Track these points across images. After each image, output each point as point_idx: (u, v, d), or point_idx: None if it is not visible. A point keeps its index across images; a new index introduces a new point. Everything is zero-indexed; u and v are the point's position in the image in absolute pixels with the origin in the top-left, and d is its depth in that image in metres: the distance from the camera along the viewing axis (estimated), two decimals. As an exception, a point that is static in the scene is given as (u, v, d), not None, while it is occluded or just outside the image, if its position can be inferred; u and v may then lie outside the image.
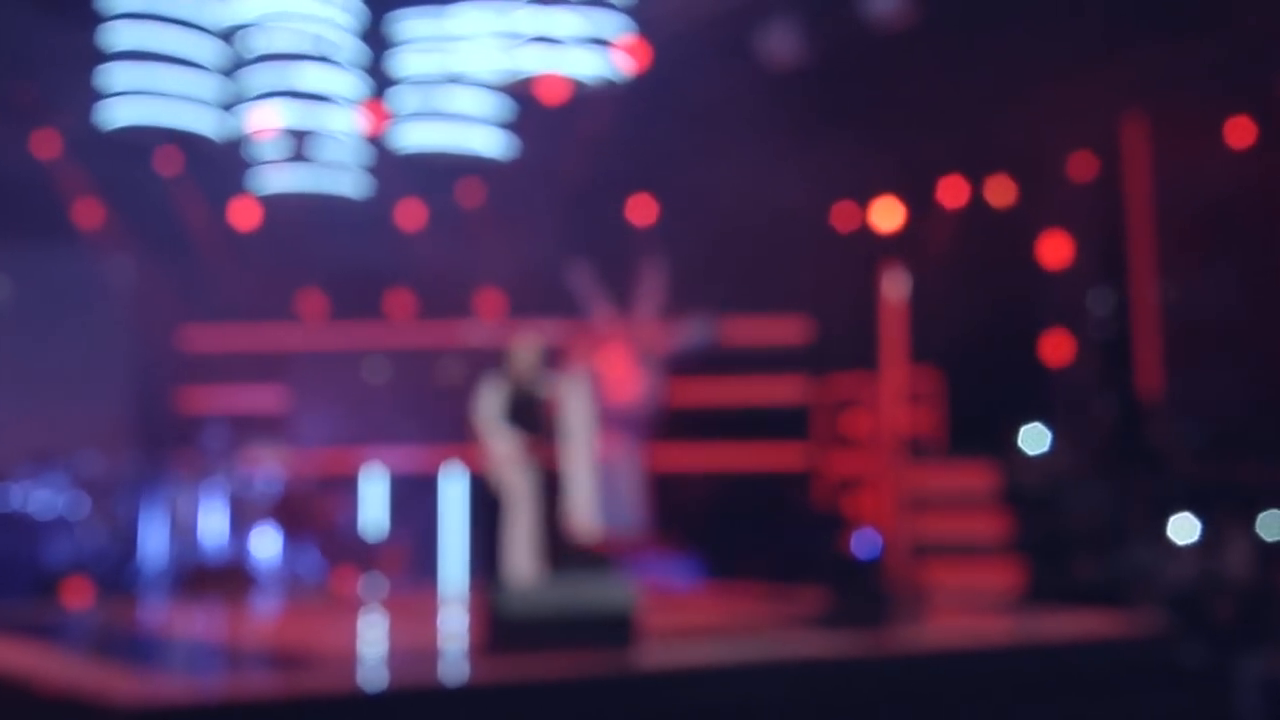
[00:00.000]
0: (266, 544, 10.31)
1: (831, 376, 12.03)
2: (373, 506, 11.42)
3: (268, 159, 9.99)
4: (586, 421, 6.11)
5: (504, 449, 6.06)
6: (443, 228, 12.31)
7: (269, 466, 10.85)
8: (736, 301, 11.75)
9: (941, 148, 10.90)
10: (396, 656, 5.70)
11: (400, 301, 12.42)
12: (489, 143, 9.82)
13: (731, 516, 11.26)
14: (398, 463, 11.97)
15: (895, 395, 9.82)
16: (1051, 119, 10.29)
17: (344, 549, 10.71)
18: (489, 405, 6.12)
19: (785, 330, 12.20)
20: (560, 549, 6.20)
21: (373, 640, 6.63)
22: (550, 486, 6.07)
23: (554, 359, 10.35)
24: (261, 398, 12.17)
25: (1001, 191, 10.79)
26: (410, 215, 12.25)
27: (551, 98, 9.63)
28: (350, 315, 12.31)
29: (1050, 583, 8.59)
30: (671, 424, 11.86)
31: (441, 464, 11.80)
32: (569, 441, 6.12)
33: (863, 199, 11.73)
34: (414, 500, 10.85)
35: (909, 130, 10.68)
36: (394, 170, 11.02)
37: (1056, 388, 10.60)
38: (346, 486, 11.31)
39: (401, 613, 7.80)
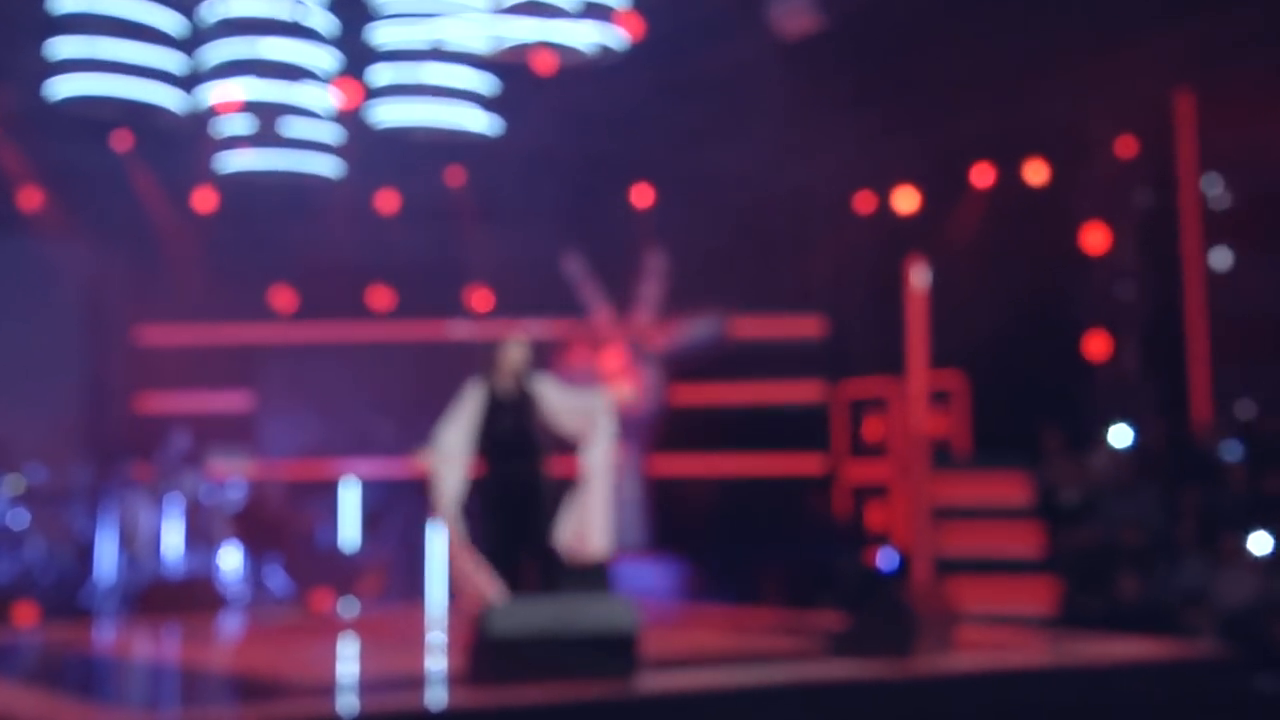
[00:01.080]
0: (232, 559, 10.27)
1: (849, 378, 12.01)
2: (350, 518, 11.42)
3: (233, 138, 9.92)
4: (608, 440, 6.05)
5: (446, 468, 5.97)
6: (425, 216, 12.27)
7: (235, 476, 10.82)
8: (746, 296, 11.73)
9: (971, 126, 10.83)
10: (373, 682, 5.62)
11: (380, 298, 12.38)
12: (475, 120, 9.75)
13: (741, 528, 11.27)
14: (377, 470, 11.94)
15: (918, 398, 9.52)
16: (1092, 96, 10.24)
17: (318, 564, 10.70)
18: (458, 418, 6.03)
19: (799, 328, 12.18)
20: (553, 564, 6.13)
21: (348, 665, 6.57)
22: (541, 498, 6.01)
23: (546, 359, 10.48)
24: (227, 401, 12.14)
25: (1036, 175, 10.73)
26: (390, 202, 12.22)
27: (545, 69, 9.57)
28: (324, 312, 12.26)
29: (1089, 604, 8.54)
30: (674, 428, 11.86)
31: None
32: (589, 459, 6.07)
33: (884, 184, 11.68)
34: (396, 510, 10.79)
35: (935, 107, 10.63)
36: (372, 151, 10.99)
37: (1095, 389, 10.53)
38: (321, 497, 11.28)
39: (381, 633, 7.75)
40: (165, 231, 11.87)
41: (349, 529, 11.46)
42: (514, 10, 9.10)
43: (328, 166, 10.54)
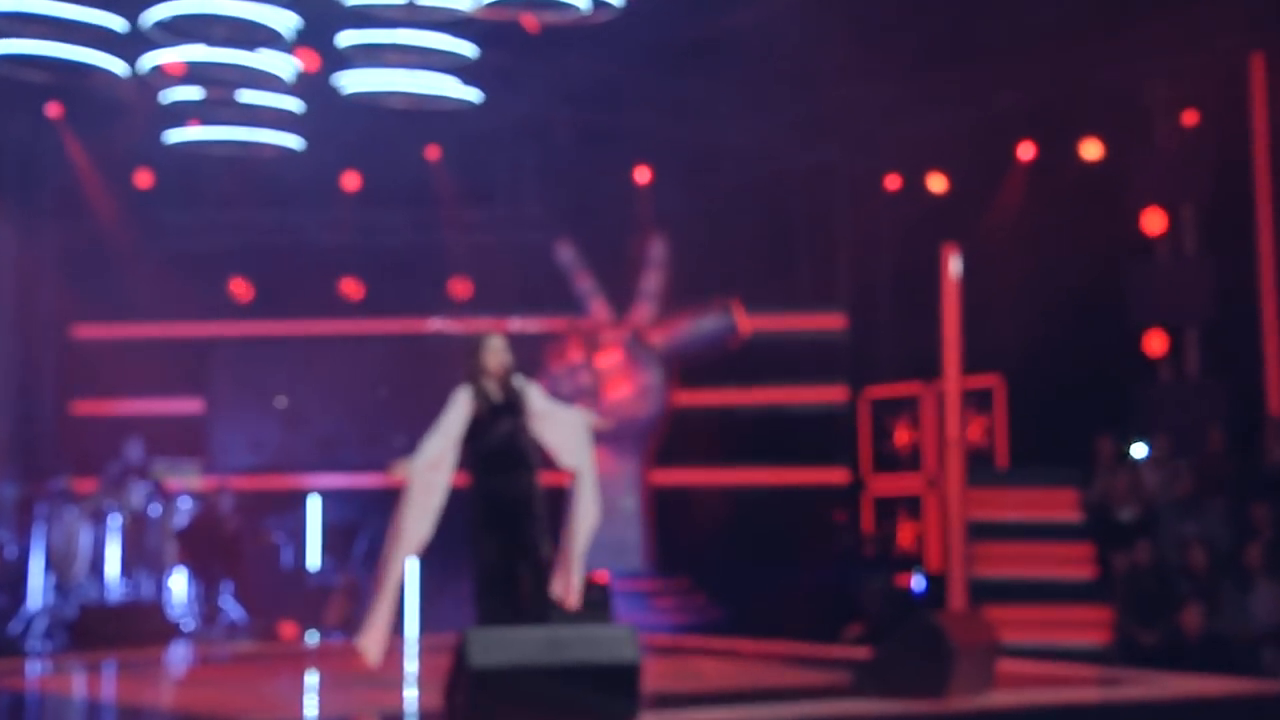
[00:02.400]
0: (181, 584, 10.23)
1: (875, 379, 12.03)
2: (315, 537, 11.42)
3: (181, 106, 9.89)
4: (587, 456, 6.10)
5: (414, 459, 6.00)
6: (399, 198, 12.25)
7: (184, 490, 10.79)
8: (758, 288, 11.74)
9: (1014, 97, 10.78)
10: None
11: (348, 289, 12.36)
12: (455, 89, 9.73)
13: (754, 548, 11.24)
14: (345, 483, 11.97)
15: (952, 402, 9.35)
16: (1152, 61, 10.17)
17: (278, 589, 10.69)
18: (447, 428, 6.05)
19: (819, 323, 12.19)
20: (544, 589, 6.11)
21: (308, 703, 6.51)
22: (537, 513, 6.01)
23: (535, 359, 10.50)
24: (175, 406, 12.14)
25: (1088, 151, 10.65)
26: (359, 182, 12.21)
27: (533, 30, 9.53)
28: (285, 306, 12.23)
29: (1147, 636, 8.47)
30: (679, 436, 11.88)
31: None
32: (577, 484, 6.10)
33: (915, 162, 11.63)
34: (367, 528, 10.71)
35: (974, 75, 10.57)
36: (338, 123, 10.97)
37: (1153, 392, 10.49)
38: (282, 513, 11.29)
39: (348, 666, 7.70)
40: (104, 213, 11.85)
41: (314, 549, 11.46)
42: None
43: (288, 140, 10.52)
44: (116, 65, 9.19)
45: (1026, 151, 11.10)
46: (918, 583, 10.38)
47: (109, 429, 11.26)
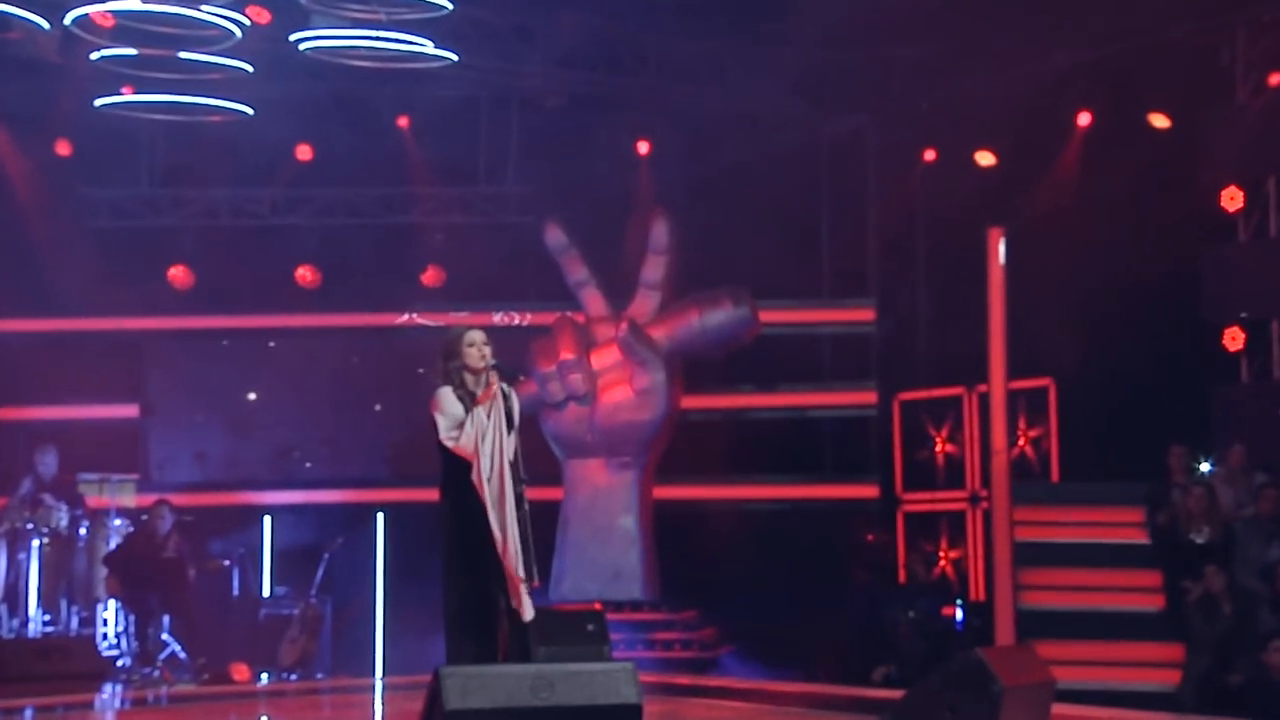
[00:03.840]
0: (113, 616, 10.20)
1: (909, 381, 12.00)
2: (269, 562, 11.44)
3: (111, 63, 9.85)
4: (496, 444, 5.90)
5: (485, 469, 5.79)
6: (362, 171, 12.23)
7: (117, 508, 10.75)
8: (776, 276, 11.67)
9: (1071, 57, 10.71)
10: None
11: (304, 278, 12.35)
12: (426, 47, 9.72)
13: (772, 573, 11.20)
14: (305, 498, 11.96)
15: (998, 408, 9.39)
16: (1230, 15, 10.11)
17: (226, 622, 10.68)
18: (453, 411, 5.89)
19: (846, 317, 12.21)
20: (538, 617, 6.10)
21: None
22: (529, 534, 5.90)
23: (522, 358, 10.47)
24: (105, 412, 12.10)
25: (1156, 120, 10.61)
26: (316, 153, 12.19)
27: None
28: (231, 297, 12.20)
29: (1226, 676, 8.44)
30: (687, 445, 11.78)
31: (373, 500, 11.82)
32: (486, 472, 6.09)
33: (957, 133, 11.56)
34: (329, 553, 10.71)
35: (1025, 32, 10.51)
36: (294, 84, 10.96)
37: (1232, 395, 10.41)
38: (229, 535, 11.30)
39: (306, 713, 7.69)
40: (20, 188, 11.77)
41: (268, 576, 11.45)
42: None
43: (235, 106, 10.49)
44: (37, 18, 9.17)
45: (1085, 120, 11.09)
46: (958, 614, 10.40)
47: (28, 438, 11.22)
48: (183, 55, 9.59)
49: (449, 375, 6.12)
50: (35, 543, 10.01)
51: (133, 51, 9.60)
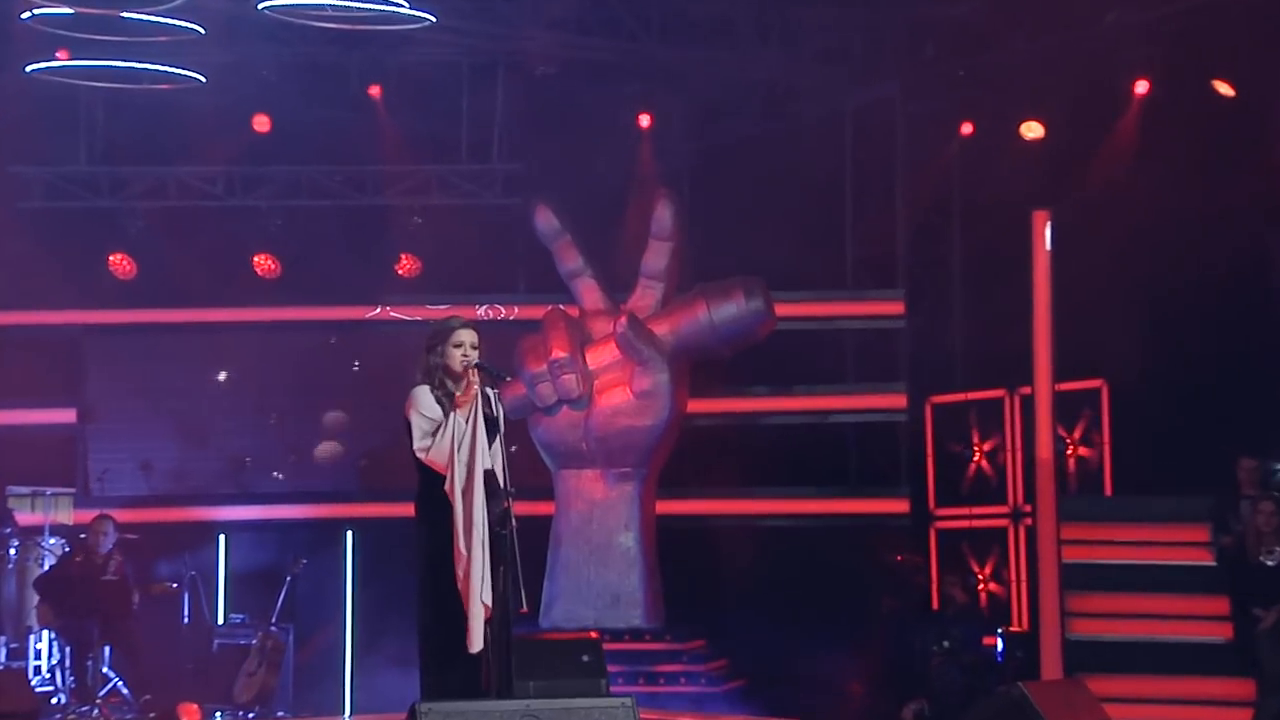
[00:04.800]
0: (46, 647, 10.19)
1: (944, 385, 12.01)
2: (223, 587, 11.44)
3: (46, 23, 9.81)
4: (471, 452, 5.97)
5: (466, 482, 5.86)
6: (327, 146, 12.19)
7: (51, 526, 10.72)
8: (795, 265, 11.67)
9: (1126, 17, 10.67)
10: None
11: (262, 267, 12.29)
12: (402, 6, 9.69)
13: (789, 598, 11.19)
14: (265, 514, 11.96)
15: (1043, 413, 9.47)
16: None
17: (175, 654, 10.65)
18: (430, 414, 5.96)
19: (872, 310, 12.17)
20: (525, 646, 6.05)
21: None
22: (515, 556, 5.79)
23: (507, 356, 10.47)
24: (40, 418, 12.10)
25: (1223, 88, 10.58)
26: (277, 128, 12.13)
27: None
28: (183, 290, 12.16)
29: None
30: (694, 454, 11.76)
31: (341, 516, 11.83)
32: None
33: (998, 103, 11.55)
34: (291, 577, 10.72)
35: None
36: (251, 50, 10.93)
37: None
38: (182, 555, 11.26)
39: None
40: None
41: (222, 602, 11.44)
42: None
43: (186, 74, 10.44)
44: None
45: (1142, 88, 11.07)
46: (999, 644, 10.36)
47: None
48: (125, 15, 9.55)
49: (430, 371, 6.14)
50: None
51: (69, 11, 9.58)
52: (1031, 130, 11.37)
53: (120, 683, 10.12)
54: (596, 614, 10.68)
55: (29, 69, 10.44)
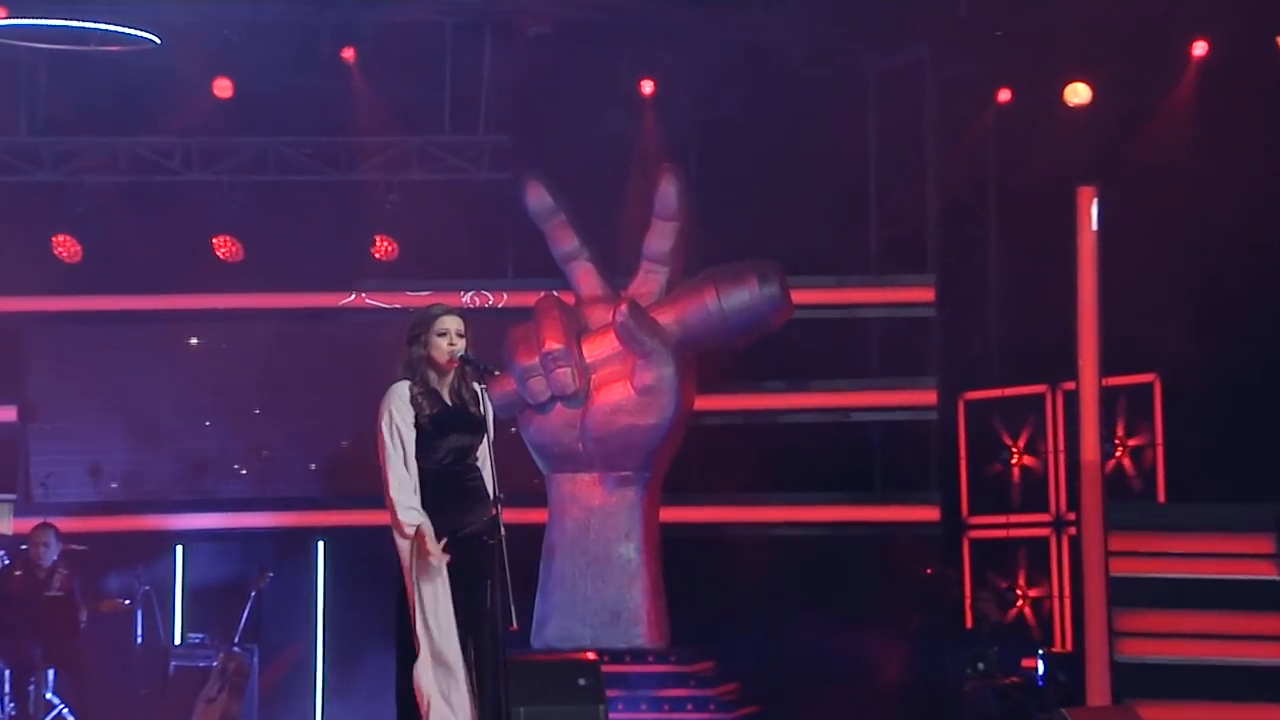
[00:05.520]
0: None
1: (979, 379, 12.03)
2: (181, 604, 11.50)
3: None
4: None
5: (411, 514, 5.98)
6: (296, 114, 12.15)
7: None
8: (814, 248, 11.69)
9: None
10: None
11: (223, 249, 12.24)
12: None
13: (807, 615, 11.18)
14: (227, 523, 11.99)
15: (1089, 411, 9.43)
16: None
17: (128, 678, 10.69)
18: (397, 431, 6.02)
19: (900, 298, 12.20)
20: (503, 676, 5.99)
21: None
22: (503, 571, 5.88)
23: (494, 349, 10.44)
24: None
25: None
26: (239, 95, 12.01)
27: None
28: (134, 275, 12.18)
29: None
30: (703, 456, 11.79)
31: (311, 524, 11.91)
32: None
33: (1039, 65, 11.52)
34: (261, 588, 10.74)
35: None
36: (209, 8, 10.86)
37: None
38: (135, 568, 11.30)
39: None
40: None
41: (180, 620, 11.49)
42: None
43: (138, 31, 10.39)
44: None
45: (1201, 49, 11.05)
46: (1040, 667, 10.32)
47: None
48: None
49: (412, 364, 6.16)
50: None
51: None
52: (1076, 96, 11.33)
53: (66, 710, 10.10)
54: (594, 633, 10.66)
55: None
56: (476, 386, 6.19)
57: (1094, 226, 9.38)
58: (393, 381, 6.16)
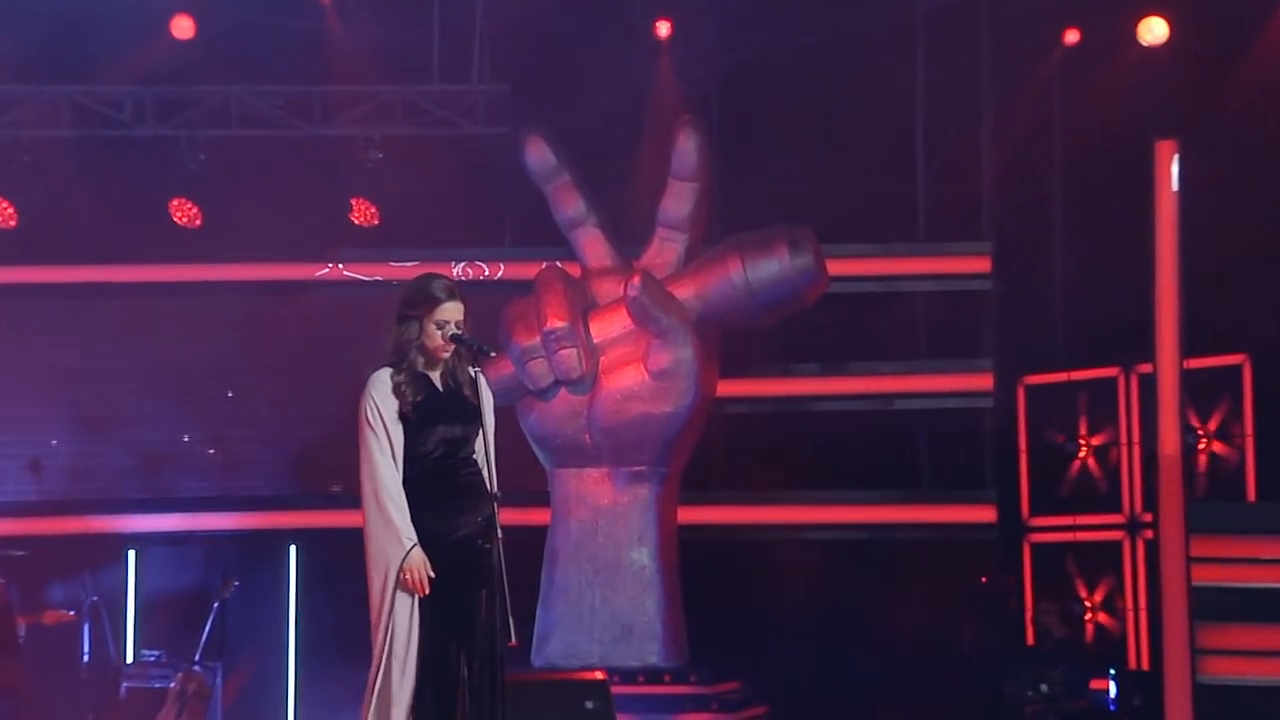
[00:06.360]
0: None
1: (1042, 362, 12.04)
2: (134, 614, 11.57)
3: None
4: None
5: (392, 514, 6.08)
6: (265, 67, 12.18)
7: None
8: (853, 213, 11.69)
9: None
10: None
11: (179, 213, 12.30)
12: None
13: (846, 630, 11.23)
14: (186, 524, 12.05)
15: (1168, 399, 9.44)
16: None
17: (78, 695, 10.72)
18: (380, 425, 6.09)
19: (951, 268, 12.22)
20: (500, 696, 6.07)
21: None
22: (501, 577, 5.95)
23: (489, 326, 10.45)
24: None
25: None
26: (200, 35, 12.04)
27: None
28: (78, 244, 12.22)
29: None
30: (726, 449, 11.81)
31: (281, 526, 11.96)
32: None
33: (1111, 4, 11.55)
34: (225, 597, 10.72)
35: None
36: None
37: None
38: (82, 576, 11.32)
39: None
40: None
41: (132, 634, 11.54)
42: None
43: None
44: None
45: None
46: (1111, 689, 10.41)
47: None
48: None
49: (401, 348, 6.19)
50: None
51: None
52: (1152, 34, 11.32)
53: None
54: (603, 649, 10.65)
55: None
56: (471, 371, 6.22)
57: (1174, 186, 9.37)
58: (377, 368, 6.17)
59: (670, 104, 11.99)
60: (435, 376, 6.24)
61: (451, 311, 6.18)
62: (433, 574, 6.02)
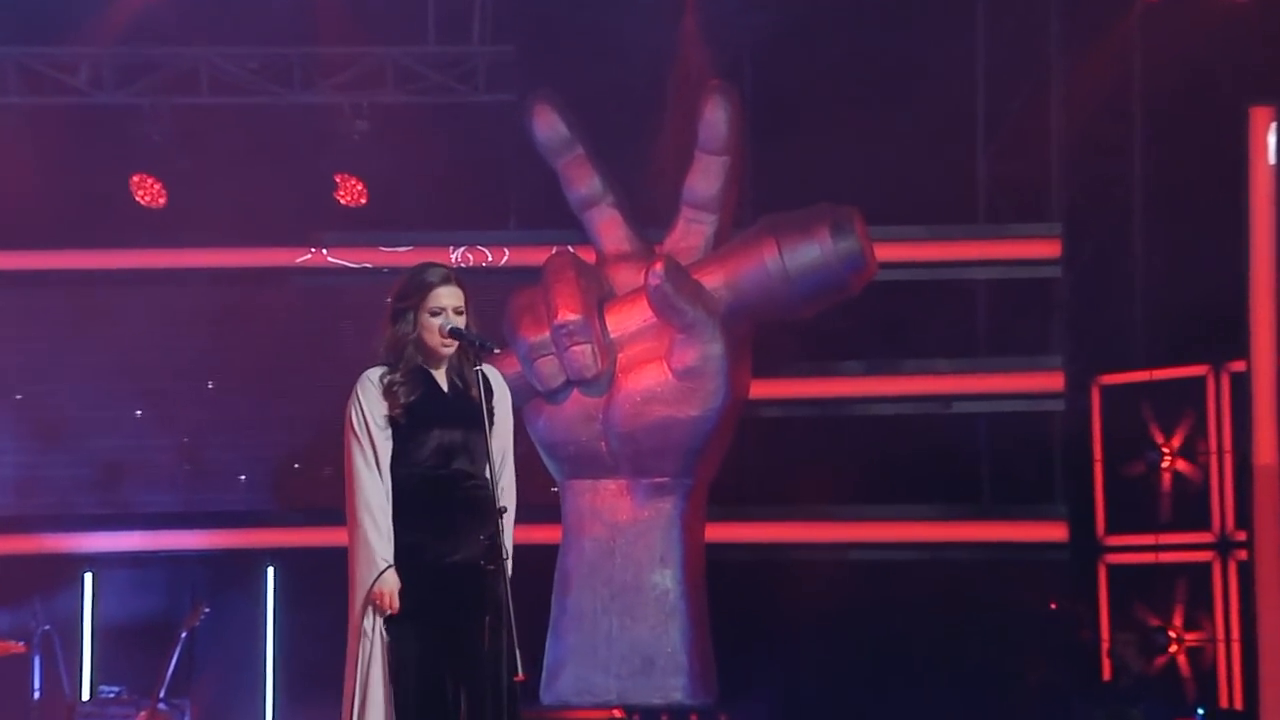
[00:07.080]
0: None
1: (1118, 360, 12.07)
2: (94, 642, 11.72)
3: None
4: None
5: (368, 532, 6.15)
6: (240, 28, 12.18)
7: None
8: (903, 192, 11.74)
9: None
10: None
11: (144, 193, 12.32)
12: None
13: (897, 662, 11.33)
14: (150, 543, 12.13)
15: (1265, 401, 9.76)
16: None
17: None
18: (366, 432, 6.19)
19: (1016, 253, 12.28)
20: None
21: None
22: (507, 597, 5.99)
23: (493, 319, 10.46)
24: None
25: None
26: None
27: None
28: (32, 227, 12.24)
29: None
30: (760, 458, 11.88)
31: (258, 545, 12.05)
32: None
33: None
34: (194, 625, 10.74)
35: None
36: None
37: None
38: (33, 601, 11.40)
39: None
40: None
41: (88, 667, 11.64)
42: None
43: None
44: None
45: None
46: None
47: None
48: None
49: (396, 345, 6.21)
50: None
51: None
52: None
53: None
54: (621, 684, 10.64)
55: None
56: (485, 369, 6.22)
57: (1270, 159, 9.44)
58: (369, 368, 6.19)
59: (697, 68, 11.94)
60: (439, 376, 6.24)
61: (447, 297, 6.17)
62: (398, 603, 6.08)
